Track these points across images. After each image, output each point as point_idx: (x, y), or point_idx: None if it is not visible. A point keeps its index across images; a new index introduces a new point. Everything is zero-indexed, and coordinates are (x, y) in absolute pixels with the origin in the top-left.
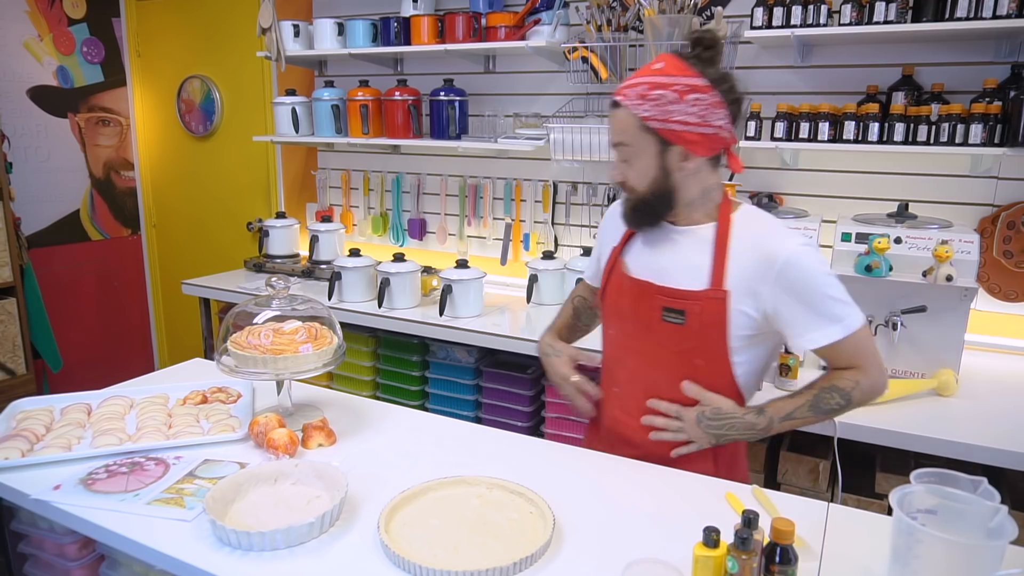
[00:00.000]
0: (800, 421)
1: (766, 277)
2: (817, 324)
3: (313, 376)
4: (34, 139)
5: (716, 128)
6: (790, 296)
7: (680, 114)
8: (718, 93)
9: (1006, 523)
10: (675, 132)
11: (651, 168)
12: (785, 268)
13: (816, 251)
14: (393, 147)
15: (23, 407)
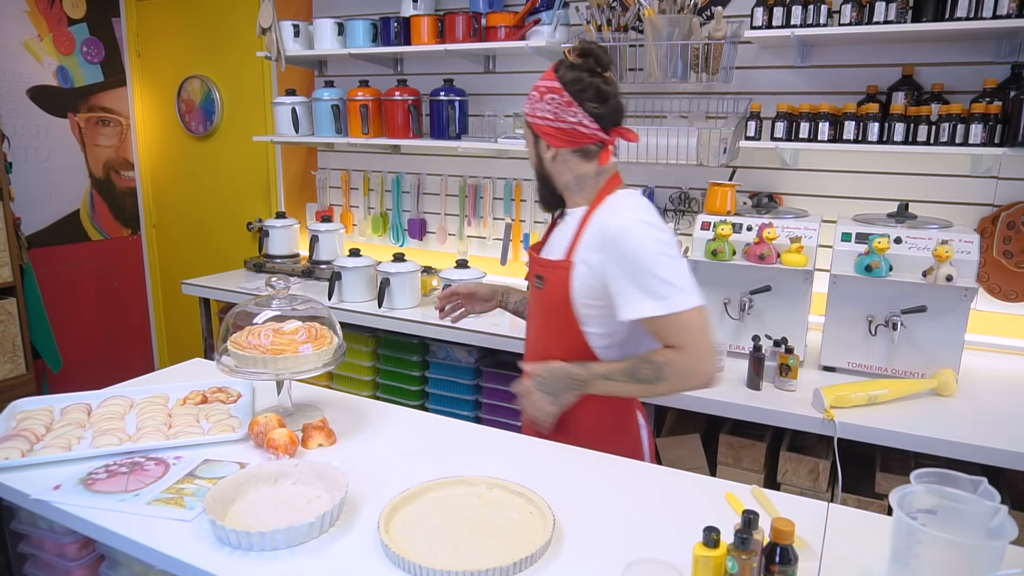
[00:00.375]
0: (618, 385)
1: (600, 247)
2: (636, 297)
3: (313, 376)
4: (34, 139)
5: (571, 124)
6: (616, 266)
7: (540, 111)
8: (568, 94)
9: (1006, 523)
10: (538, 126)
11: (532, 156)
12: (613, 239)
13: (656, 230)
14: (393, 147)
15: (23, 407)
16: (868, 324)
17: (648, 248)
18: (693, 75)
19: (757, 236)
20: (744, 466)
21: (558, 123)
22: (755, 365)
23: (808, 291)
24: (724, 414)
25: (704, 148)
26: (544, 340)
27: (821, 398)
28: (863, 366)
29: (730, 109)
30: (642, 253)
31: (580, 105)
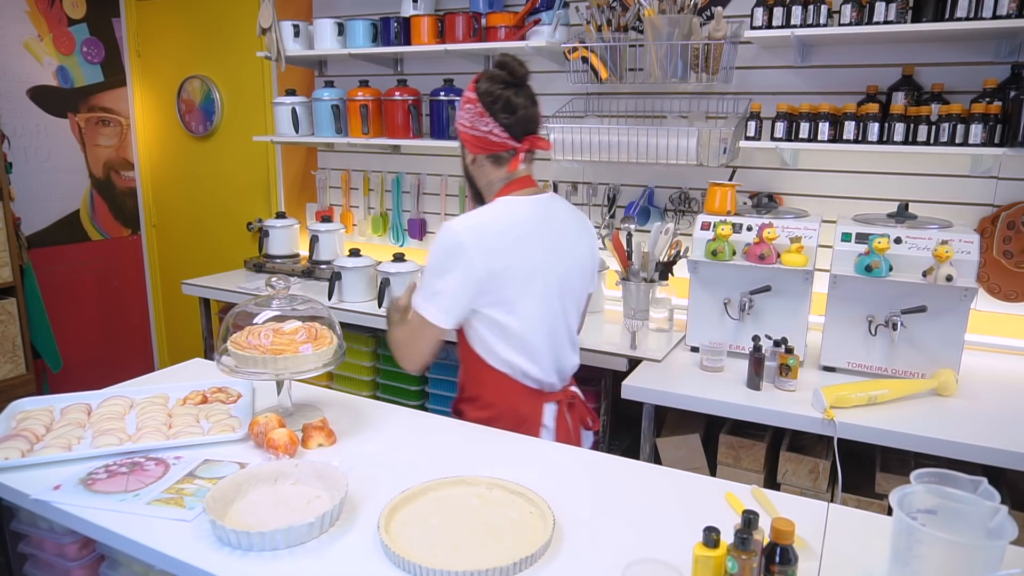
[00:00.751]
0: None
1: None
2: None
3: (313, 376)
4: (34, 139)
5: (483, 132)
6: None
7: (460, 119)
8: (481, 105)
9: (1006, 523)
10: (460, 133)
11: (461, 161)
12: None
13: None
14: (393, 147)
15: (23, 407)
16: (868, 324)
17: (432, 251)
18: (693, 75)
19: (757, 236)
20: (744, 466)
21: (473, 131)
22: (755, 365)
23: (808, 291)
24: (724, 414)
25: (704, 148)
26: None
27: (821, 398)
28: (863, 366)
29: (730, 109)
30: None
31: (492, 116)
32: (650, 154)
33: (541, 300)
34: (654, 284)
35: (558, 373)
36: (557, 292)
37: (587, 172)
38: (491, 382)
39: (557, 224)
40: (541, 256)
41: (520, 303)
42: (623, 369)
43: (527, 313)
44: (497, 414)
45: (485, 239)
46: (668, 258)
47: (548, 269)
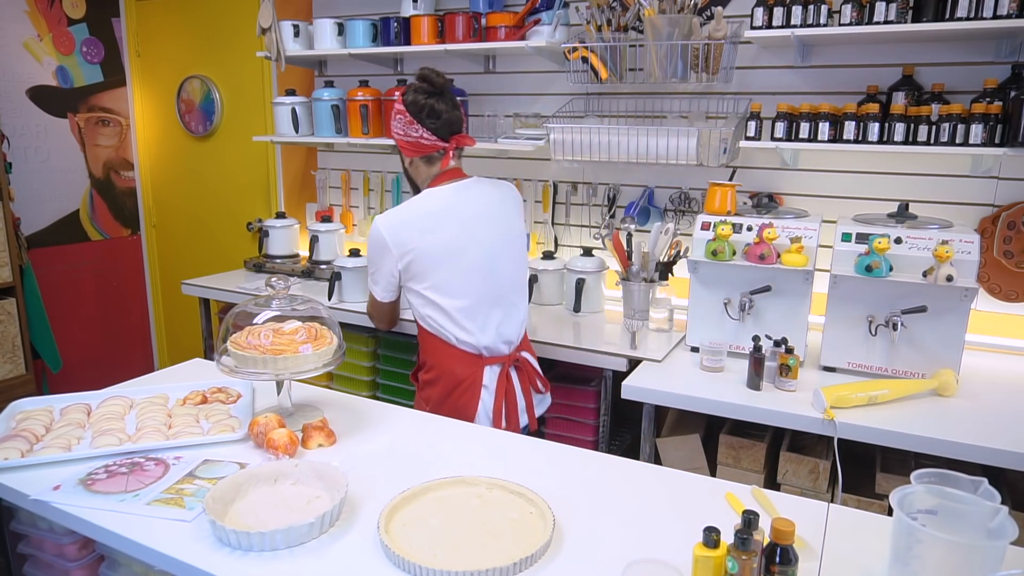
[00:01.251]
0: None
1: None
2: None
3: (313, 376)
4: (34, 139)
5: (415, 138)
6: None
7: (394, 128)
8: (410, 115)
9: (1006, 523)
10: (396, 140)
11: (401, 162)
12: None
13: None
14: (393, 147)
15: (23, 407)
16: (868, 324)
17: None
18: (693, 75)
19: (757, 236)
20: (744, 466)
21: (406, 138)
22: (755, 365)
23: (808, 291)
24: (724, 414)
25: (704, 148)
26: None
27: (821, 398)
28: (863, 366)
29: (730, 109)
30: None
31: (420, 123)
32: (650, 154)
33: (463, 274)
34: (654, 284)
35: (500, 337)
36: (483, 264)
37: (587, 172)
38: (432, 348)
39: (474, 204)
40: (457, 235)
41: (442, 279)
42: (623, 369)
43: (451, 288)
44: (438, 375)
45: (397, 231)
46: (668, 258)
47: (468, 245)
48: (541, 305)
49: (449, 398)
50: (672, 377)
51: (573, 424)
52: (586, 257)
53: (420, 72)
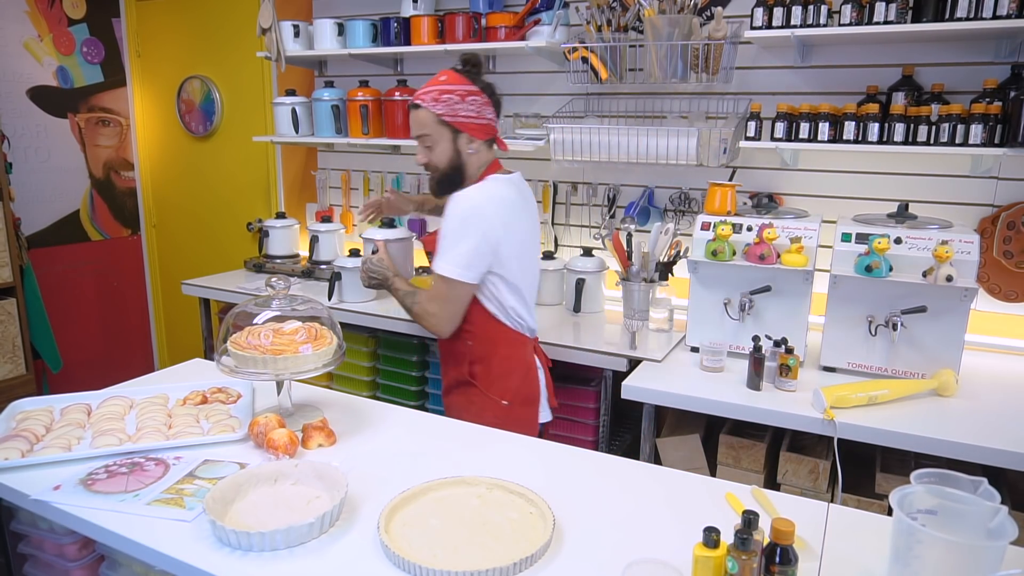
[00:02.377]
0: (399, 300)
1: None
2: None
3: (313, 376)
4: (34, 139)
5: (488, 120)
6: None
7: (464, 111)
8: (486, 96)
9: (1006, 523)
10: (463, 124)
11: (448, 151)
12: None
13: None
14: (393, 147)
15: (23, 407)
16: (868, 324)
17: (457, 218)
18: (693, 75)
19: (757, 236)
20: (744, 466)
21: (480, 120)
22: (755, 365)
23: (808, 291)
24: (724, 414)
25: (704, 148)
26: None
27: (821, 398)
28: (863, 366)
29: (730, 109)
30: (450, 222)
31: (492, 105)
32: (650, 154)
33: (531, 261)
34: (654, 284)
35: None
36: (535, 255)
37: (587, 172)
38: (503, 338)
39: (530, 199)
40: (528, 225)
41: (520, 263)
42: (623, 369)
43: (525, 272)
44: (512, 366)
45: (499, 206)
46: (668, 258)
47: (531, 236)
48: (541, 305)
49: (523, 386)
50: (672, 377)
51: (573, 424)
52: (586, 257)
53: (471, 56)
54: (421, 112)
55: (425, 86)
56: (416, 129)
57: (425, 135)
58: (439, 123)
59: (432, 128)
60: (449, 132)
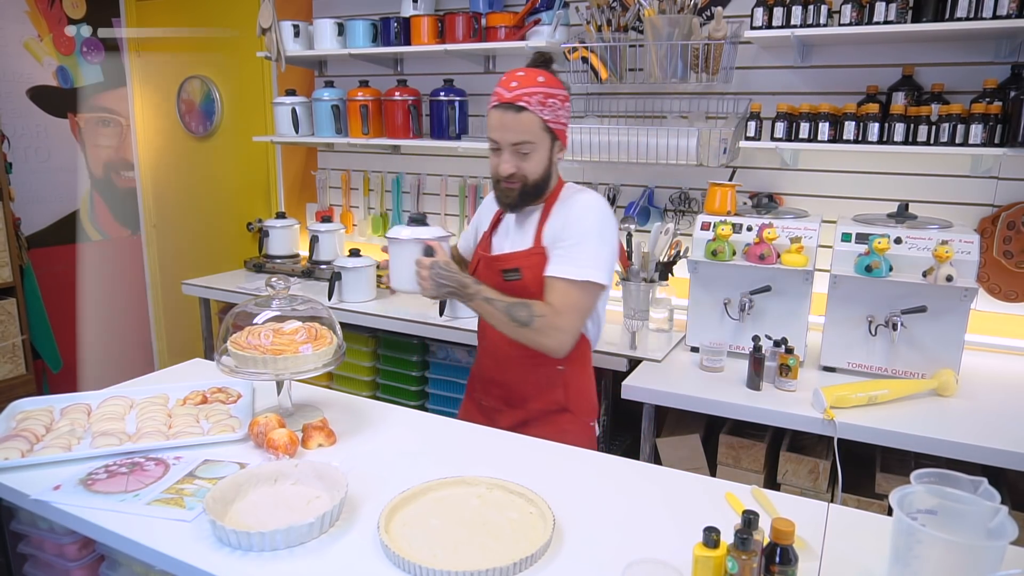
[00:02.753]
0: (495, 312)
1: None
2: (563, 260)
3: (313, 376)
4: (34, 139)
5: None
6: (564, 231)
7: (563, 117)
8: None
9: (1006, 523)
10: (560, 131)
11: (544, 160)
12: (572, 214)
13: (603, 214)
14: (393, 147)
15: (23, 407)
16: (868, 324)
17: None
18: (693, 75)
19: (757, 236)
20: (744, 466)
21: (567, 127)
22: (755, 365)
23: (808, 291)
24: (724, 414)
25: (704, 148)
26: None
27: (821, 398)
28: (863, 366)
29: (730, 109)
30: (584, 227)
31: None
32: (650, 154)
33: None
34: (654, 284)
35: None
36: None
37: (587, 172)
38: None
39: None
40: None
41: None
42: (623, 369)
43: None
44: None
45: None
46: (668, 258)
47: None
48: None
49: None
50: (672, 377)
51: None
52: None
53: (551, 56)
54: (526, 116)
55: (520, 86)
56: (516, 135)
57: (527, 142)
58: (544, 129)
59: (537, 135)
60: (550, 140)
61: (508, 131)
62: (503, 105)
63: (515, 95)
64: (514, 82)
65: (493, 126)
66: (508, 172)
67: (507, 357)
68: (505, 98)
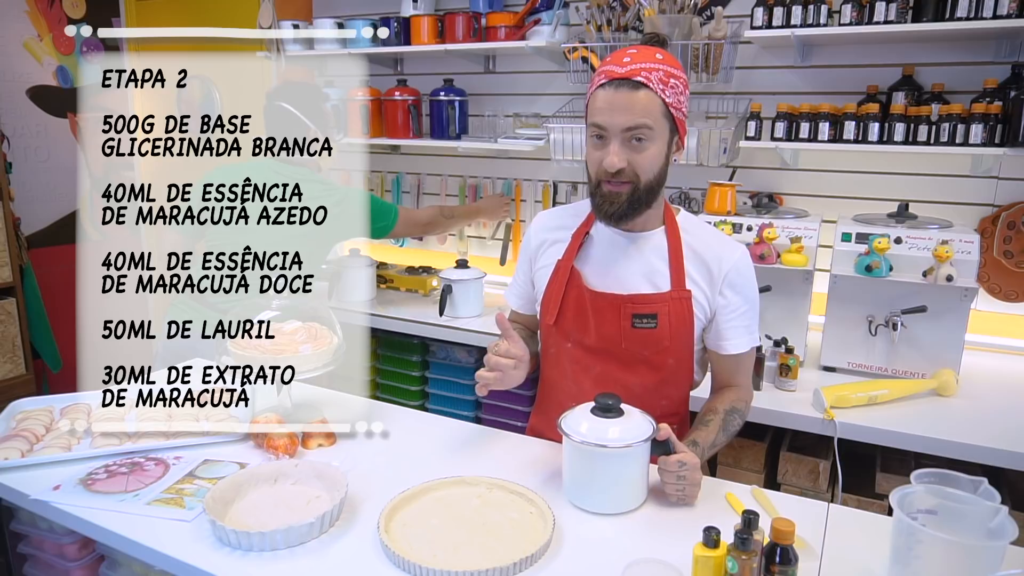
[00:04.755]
0: (718, 448)
1: (716, 279)
2: (743, 331)
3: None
4: (34, 139)
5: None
6: (740, 300)
7: (685, 105)
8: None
9: (1006, 523)
10: (682, 122)
11: (661, 156)
12: (733, 273)
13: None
14: (393, 147)
15: (23, 407)
16: (868, 324)
17: (755, 284)
18: (693, 75)
19: (757, 236)
20: (744, 466)
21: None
22: (755, 365)
23: (808, 291)
24: None
25: (704, 148)
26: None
27: (821, 398)
28: (863, 366)
29: (730, 109)
30: (754, 291)
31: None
32: None
33: None
34: None
35: None
36: None
37: None
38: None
39: None
40: None
41: None
42: None
43: None
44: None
45: None
46: None
47: None
48: None
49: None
50: None
51: None
52: None
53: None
54: (645, 95)
55: (634, 61)
56: (631, 116)
57: (644, 126)
58: (664, 115)
59: (656, 119)
60: (669, 130)
61: (620, 112)
62: (615, 81)
63: (630, 69)
64: (627, 57)
65: (599, 108)
66: (616, 167)
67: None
68: (618, 73)
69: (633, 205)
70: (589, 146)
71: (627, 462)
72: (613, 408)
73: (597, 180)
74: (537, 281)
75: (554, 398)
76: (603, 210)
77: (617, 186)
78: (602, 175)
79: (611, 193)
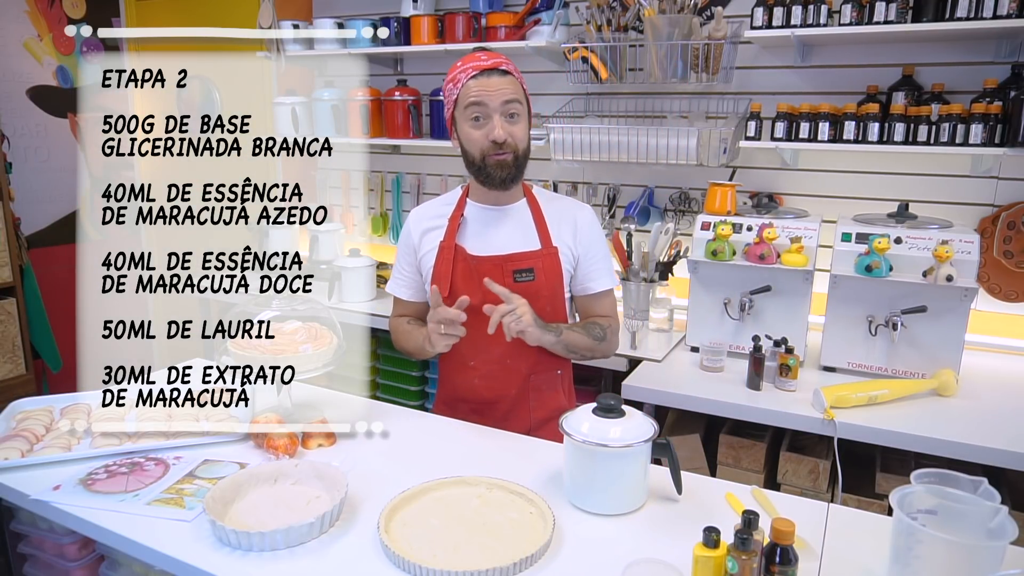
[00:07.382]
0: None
1: (577, 233)
2: (605, 272)
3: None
4: (34, 139)
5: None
6: (589, 248)
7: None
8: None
9: (1006, 523)
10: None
11: (527, 132)
12: (588, 226)
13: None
14: (393, 147)
15: (23, 407)
16: (868, 324)
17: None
18: (693, 75)
19: (757, 236)
20: (744, 466)
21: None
22: (755, 365)
23: (808, 291)
24: (724, 414)
25: (704, 148)
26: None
27: (821, 398)
28: (863, 366)
29: (730, 109)
30: (603, 239)
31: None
32: (650, 154)
33: None
34: (654, 284)
35: None
36: None
37: (587, 172)
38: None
39: None
40: None
41: None
42: (623, 369)
43: None
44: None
45: None
46: (668, 258)
47: None
48: None
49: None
50: (672, 377)
51: None
52: None
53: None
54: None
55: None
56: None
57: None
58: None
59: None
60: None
61: (496, 92)
62: (485, 72)
63: (494, 62)
64: (482, 55)
65: (477, 92)
66: (503, 137)
67: (507, 372)
68: (485, 64)
69: (518, 170)
70: (468, 128)
71: (628, 462)
72: (614, 408)
73: (482, 156)
74: (423, 265)
75: (456, 359)
76: (495, 178)
77: (502, 155)
78: (488, 150)
79: (499, 163)
